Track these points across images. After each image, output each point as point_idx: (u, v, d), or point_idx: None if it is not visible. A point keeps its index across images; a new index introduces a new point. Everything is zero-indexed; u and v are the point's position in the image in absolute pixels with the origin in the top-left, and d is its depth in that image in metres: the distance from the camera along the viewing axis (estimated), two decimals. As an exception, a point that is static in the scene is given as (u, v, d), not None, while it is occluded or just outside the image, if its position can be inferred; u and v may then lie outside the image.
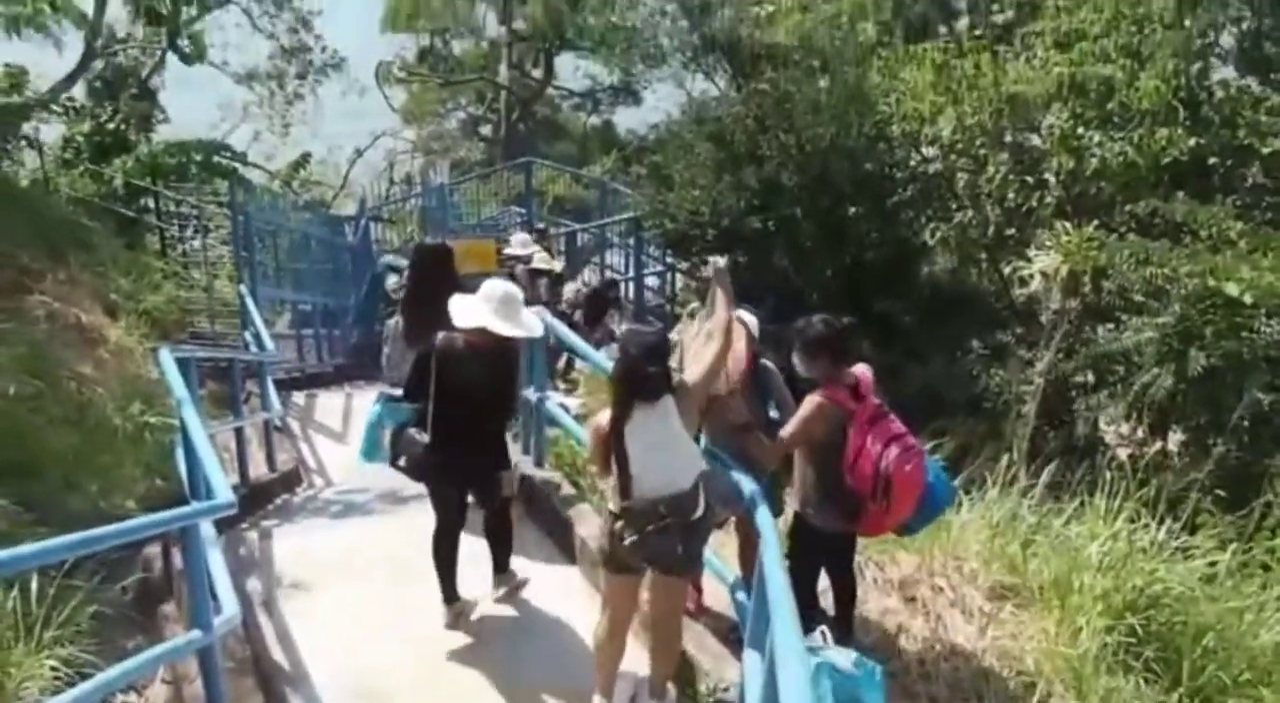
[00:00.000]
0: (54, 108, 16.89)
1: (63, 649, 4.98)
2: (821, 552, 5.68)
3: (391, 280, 13.97)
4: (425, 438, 6.49)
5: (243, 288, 13.97)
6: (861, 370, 5.64)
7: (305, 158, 25.64)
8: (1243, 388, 12.44)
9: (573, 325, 11.69)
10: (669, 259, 18.74)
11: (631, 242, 18.75)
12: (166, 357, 7.44)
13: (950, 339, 15.42)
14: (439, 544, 6.66)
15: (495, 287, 6.55)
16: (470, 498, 7.00)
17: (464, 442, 6.44)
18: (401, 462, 6.72)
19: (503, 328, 6.34)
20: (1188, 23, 16.83)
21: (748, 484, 5.11)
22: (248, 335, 12.89)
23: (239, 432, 9.69)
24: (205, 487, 5.57)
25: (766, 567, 3.77)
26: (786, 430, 5.62)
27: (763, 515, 4.49)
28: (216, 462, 5.74)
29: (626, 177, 25.51)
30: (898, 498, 5.27)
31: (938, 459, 5.92)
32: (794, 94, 16.24)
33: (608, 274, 19.41)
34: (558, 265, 14.83)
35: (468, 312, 6.39)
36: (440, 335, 6.51)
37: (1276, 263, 12.20)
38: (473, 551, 6.82)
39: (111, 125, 17.08)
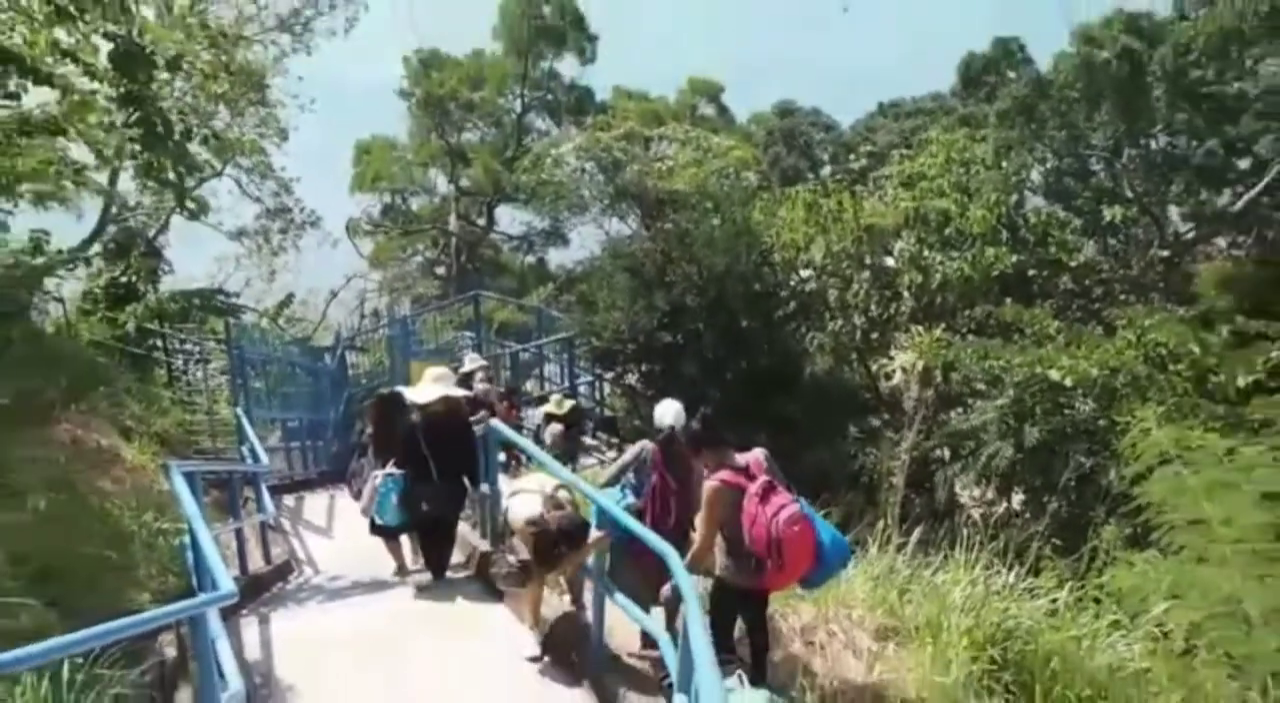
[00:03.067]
0: (74, 266, 16.68)
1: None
2: (736, 606, 5.71)
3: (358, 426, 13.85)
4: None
5: (238, 410, 13.77)
6: (754, 455, 5.77)
7: (289, 299, 25.94)
8: (1069, 454, 12.73)
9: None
10: (596, 370, 18.82)
11: (565, 357, 18.82)
12: (175, 471, 7.33)
13: (832, 426, 15.61)
14: (428, 556, 8.72)
15: (431, 372, 8.89)
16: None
17: (432, 493, 8.32)
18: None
19: (443, 391, 8.50)
20: (1004, 164, 17.57)
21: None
22: (244, 449, 12.66)
23: (238, 531, 9.49)
24: (211, 580, 5.46)
25: (689, 622, 3.79)
26: (700, 529, 5.70)
27: (684, 581, 4.50)
28: (219, 559, 5.64)
29: (559, 303, 25.71)
30: (789, 556, 5.35)
31: (831, 523, 5.99)
32: (693, 231, 16.59)
33: (547, 386, 19.48)
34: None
35: (423, 393, 8.46)
36: (414, 417, 8.37)
37: (1089, 353, 12.60)
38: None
39: (124, 278, 16.89)
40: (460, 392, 8.96)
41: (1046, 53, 31.97)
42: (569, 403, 14.83)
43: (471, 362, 14.47)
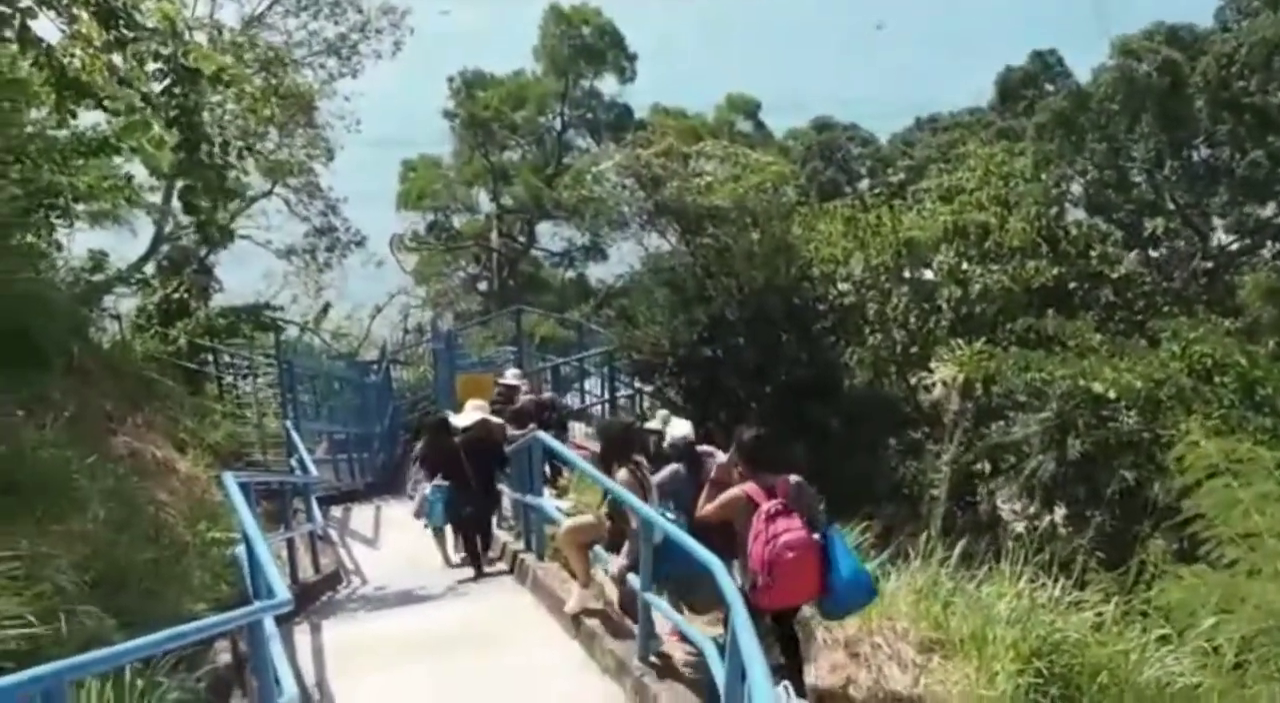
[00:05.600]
0: (130, 283, 16.97)
1: (152, 734, 4.88)
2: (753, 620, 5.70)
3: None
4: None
5: (287, 422, 13.94)
6: (785, 479, 5.84)
7: (326, 307, 26.92)
8: (1113, 468, 12.57)
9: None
10: (636, 384, 18.84)
11: (605, 371, 18.87)
12: (230, 482, 7.43)
13: (871, 439, 15.51)
14: (468, 549, 10.10)
15: (471, 403, 10.73)
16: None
17: (471, 498, 9.96)
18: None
19: (480, 417, 10.29)
20: (1044, 176, 17.44)
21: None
22: (293, 462, 12.80)
23: (289, 541, 9.64)
24: (267, 588, 5.51)
25: (738, 632, 3.77)
26: (708, 507, 5.95)
27: (729, 591, 4.48)
28: (275, 567, 5.71)
29: (599, 318, 25.80)
30: (779, 577, 5.45)
31: (858, 556, 5.98)
32: (732, 246, 16.58)
33: (587, 399, 19.55)
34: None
35: (465, 419, 10.32)
36: (458, 439, 10.18)
37: (1133, 365, 12.45)
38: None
39: (176, 295, 17.17)
40: (495, 419, 10.72)
41: (1084, 64, 31.72)
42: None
43: (512, 376, 14.53)
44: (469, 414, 10.36)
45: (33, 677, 3.23)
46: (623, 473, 6.74)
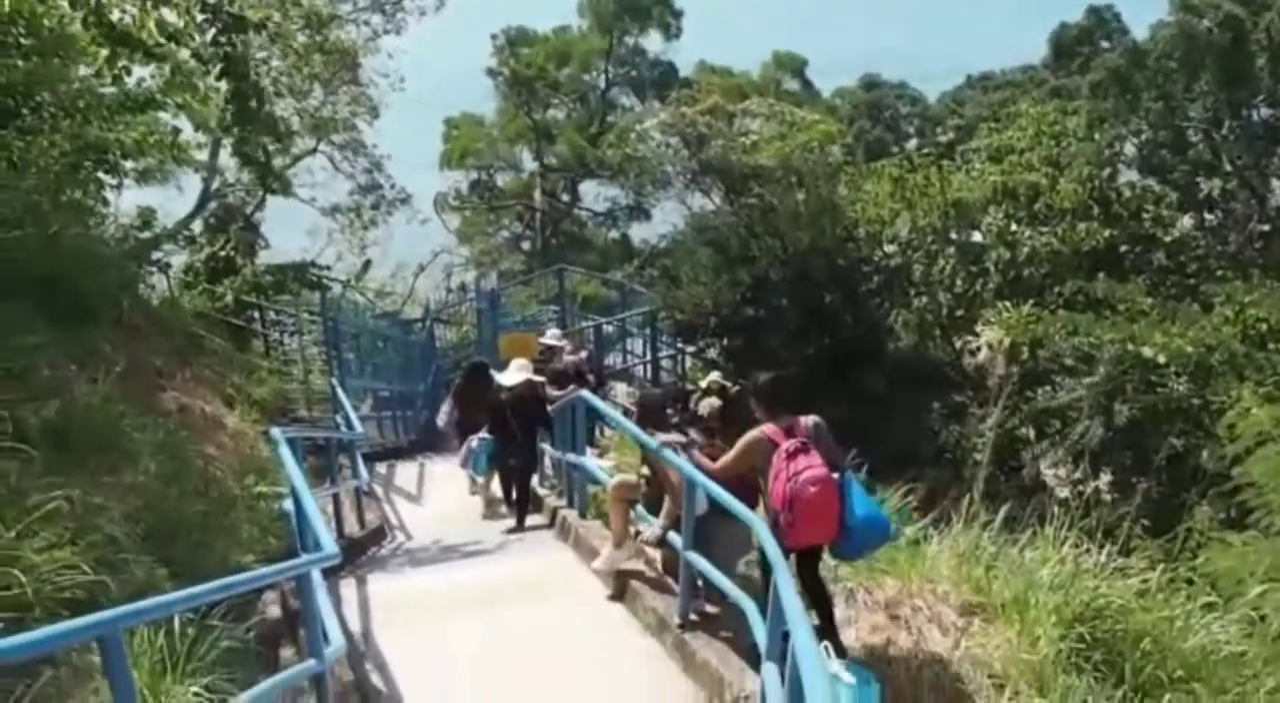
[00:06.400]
0: (178, 240, 17.16)
1: (203, 678, 4.99)
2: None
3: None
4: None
5: (333, 380, 14.09)
6: (804, 419, 5.86)
7: (367, 264, 27.04)
8: (1162, 434, 12.42)
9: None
10: (679, 344, 18.84)
11: (648, 331, 18.88)
12: (279, 437, 7.55)
13: (915, 402, 15.41)
14: (508, 498, 10.50)
15: (516, 363, 11.00)
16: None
17: (516, 451, 10.32)
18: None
19: (525, 376, 10.54)
20: (1097, 136, 17.12)
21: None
22: (338, 418, 12.96)
23: (335, 497, 9.76)
24: (314, 541, 5.61)
25: (780, 592, 3.78)
26: (728, 456, 5.98)
27: (770, 547, 4.50)
28: (323, 521, 5.80)
29: (642, 278, 25.77)
30: (801, 514, 5.42)
31: (878, 497, 5.97)
32: (777, 206, 16.46)
33: (629, 360, 19.59)
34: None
35: (509, 378, 10.59)
36: (503, 395, 10.52)
37: (1184, 330, 12.26)
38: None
39: (223, 253, 17.35)
40: (539, 378, 11.02)
41: (1142, 20, 30.99)
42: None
43: (552, 337, 14.59)
44: (514, 374, 10.67)
45: (90, 623, 3.32)
46: (663, 435, 6.77)
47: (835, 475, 5.58)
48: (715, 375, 13.45)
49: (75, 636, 3.40)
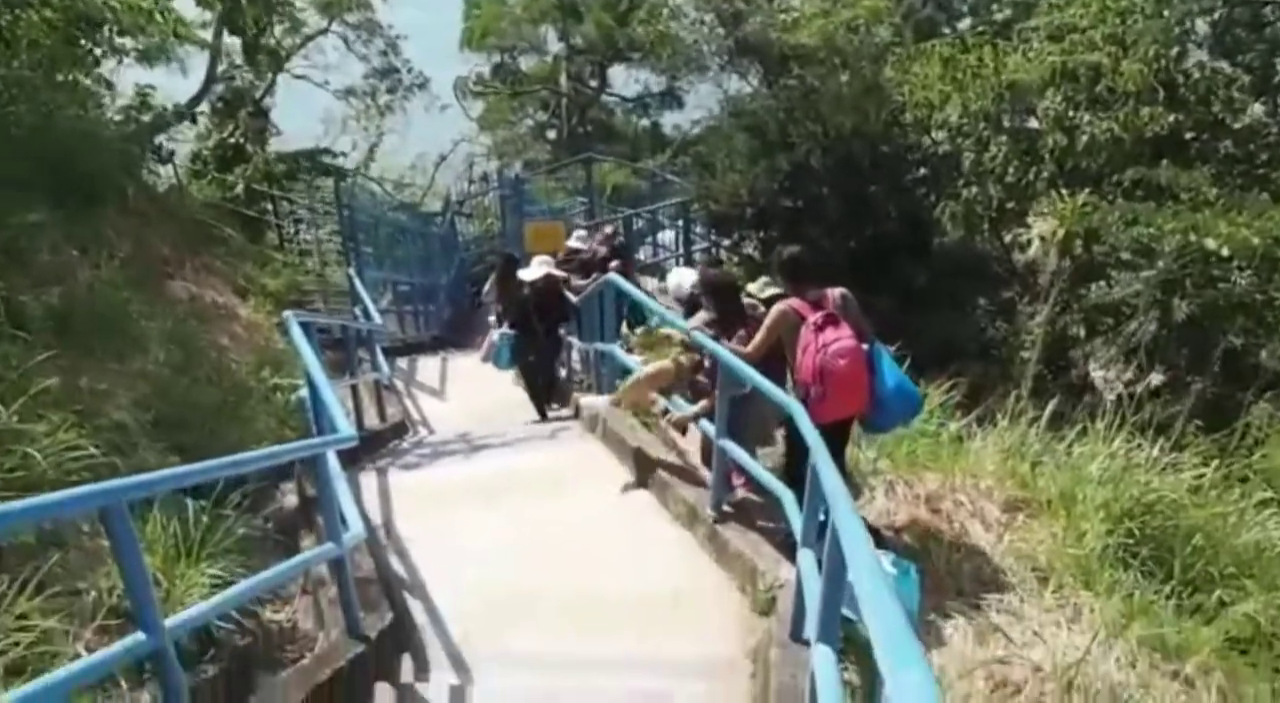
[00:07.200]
0: (182, 121, 17.05)
1: (217, 563, 5.09)
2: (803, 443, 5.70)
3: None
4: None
5: (350, 270, 14.09)
6: (832, 291, 5.83)
7: (373, 147, 27.39)
8: (1220, 332, 12.27)
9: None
10: (713, 237, 18.68)
11: (680, 223, 18.68)
12: (292, 320, 7.55)
13: (960, 298, 15.30)
14: (533, 393, 10.78)
15: (538, 258, 11.18)
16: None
17: (539, 345, 10.67)
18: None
19: (546, 271, 10.70)
20: (1166, 13, 16.46)
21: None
22: (357, 311, 12.99)
23: (354, 389, 9.81)
24: (330, 425, 5.65)
25: (820, 470, 3.75)
26: (756, 337, 5.91)
27: (808, 430, 4.46)
28: (338, 404, 5.82)
29: (674, 168, 25.42)
30: (831, 387, 5.43)
31: (901, 368, 5.89)
32: (819, 88, 16.14)
33: (660, 254, 19.42)
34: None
35: (531, 273, 10.71)
36: (526, 291, 10.71)
37: (1250, 221, 11.97)
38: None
39: (232, 140, 17.26)
40: (560, 273, 11.28)
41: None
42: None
43: (577, 240, 14.49)
44: (535, 269, 10.86)
45: (91, 492, 3.33)
46: (701, 316, 6.70)
47: (864, 347, 5.57)
48: (764, 281, 13.30)
49: (75, 505, 3.41)
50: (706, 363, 6.51)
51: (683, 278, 9.08)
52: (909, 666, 1.93)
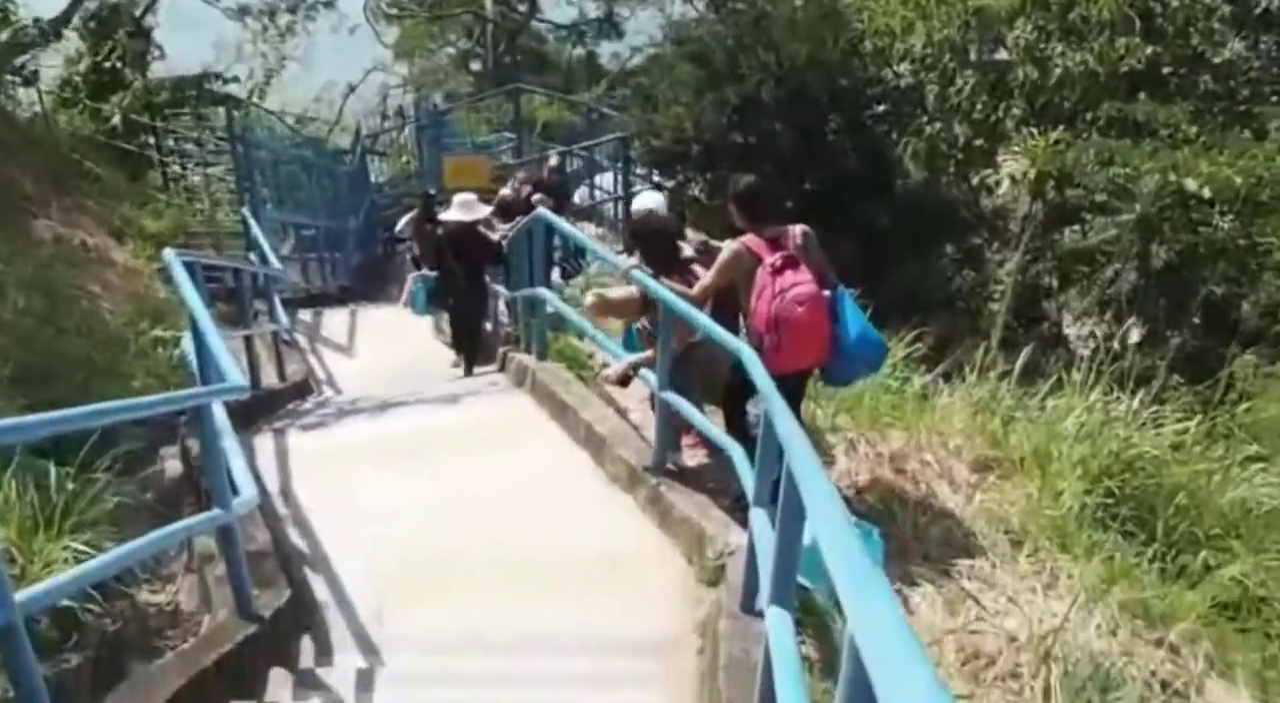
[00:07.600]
0: (45, 38, 16.29)
1: (83, 536, 4.84)
2: (745, 392, 5.59)
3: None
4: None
5: (244, 210, 13.63)
6: (793, 228, 5.61)
7: (270, 74, 25.79)
8: (1201, 280, 12.38)
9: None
10: (655, 178, 18.46)
11: (619, 162, 18.43)
12: (174, 259, 7.08)
13: (924, 245, 15.30)
14: (457, 343, 10.82)
15: (460, 198, 10.96)
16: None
17: (463, 290, 10.57)
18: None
19: (467, 216, 10.63)
20: (1145, -64, 16.46)
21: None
22: (253, 256, 12.54)
23: (249, 342, 9.27)
24: (218, 375, 5.40)
25: (775, 419, 3.60)
26: (705, 278, 5.75)
27: (759, 376, 4.32)
28: (226, 351, 5.56)
29: (612, 101, 25.10)
30: (787, 337, 5.27)
31: (864, 311, 5.77)
32: (770, 13, 15.96)
33: (597, 195, 19.16)
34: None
35: (451, 214, 10.78)
36: (442, 230, 10.89)
37: (1233, 159, 12.05)
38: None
39: (107, 64, 16.61)
40: (482, 212, 11.11)
41: None
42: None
43: (509, 189, 14.16)
44: (452, 211, 10.92)
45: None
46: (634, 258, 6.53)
47: (826, 293, 5.41)
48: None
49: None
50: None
51: (651, 202, 8.20)
52: (874, 596, 1.80)
